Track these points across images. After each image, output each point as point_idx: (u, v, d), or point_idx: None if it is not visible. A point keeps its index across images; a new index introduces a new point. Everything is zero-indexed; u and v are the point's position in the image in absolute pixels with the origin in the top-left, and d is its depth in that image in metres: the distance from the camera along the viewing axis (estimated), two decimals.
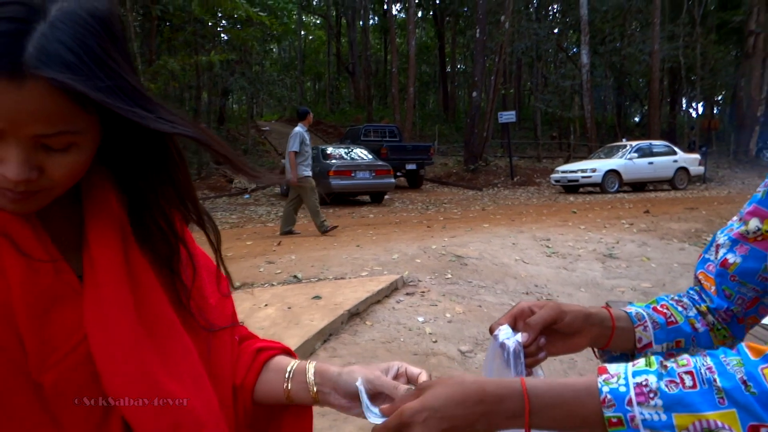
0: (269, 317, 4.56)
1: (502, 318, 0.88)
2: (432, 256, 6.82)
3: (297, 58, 44.49)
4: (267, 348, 0.91)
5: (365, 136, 19.44)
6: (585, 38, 25.53)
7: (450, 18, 36.91)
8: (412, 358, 3.91)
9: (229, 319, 0.89)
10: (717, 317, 0.91)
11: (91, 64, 0.59)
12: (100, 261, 0.70)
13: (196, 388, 0.73)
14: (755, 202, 0.90)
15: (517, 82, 35.57)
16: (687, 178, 18.68)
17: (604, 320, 0.88)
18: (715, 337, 0.91)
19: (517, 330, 0.86)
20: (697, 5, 26.55)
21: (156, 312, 0.73)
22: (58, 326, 0.66)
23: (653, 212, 11.05)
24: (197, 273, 0.83)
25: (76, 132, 0.63)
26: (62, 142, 0.62)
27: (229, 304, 0.92)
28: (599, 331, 0.88)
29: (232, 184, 18.49)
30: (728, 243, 0.91)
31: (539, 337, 0.85)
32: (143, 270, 0.74)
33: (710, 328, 0.91)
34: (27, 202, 0.65)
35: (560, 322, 0.85)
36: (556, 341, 0.87)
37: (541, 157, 26.63)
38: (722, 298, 0.90)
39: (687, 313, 0.91)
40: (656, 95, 25.99)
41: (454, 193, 18.54)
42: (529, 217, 11.21)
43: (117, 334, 0.67)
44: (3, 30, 0.56)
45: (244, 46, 20.87)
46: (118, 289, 0.69)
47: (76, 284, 0.69)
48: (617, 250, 7.48)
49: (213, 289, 0.88)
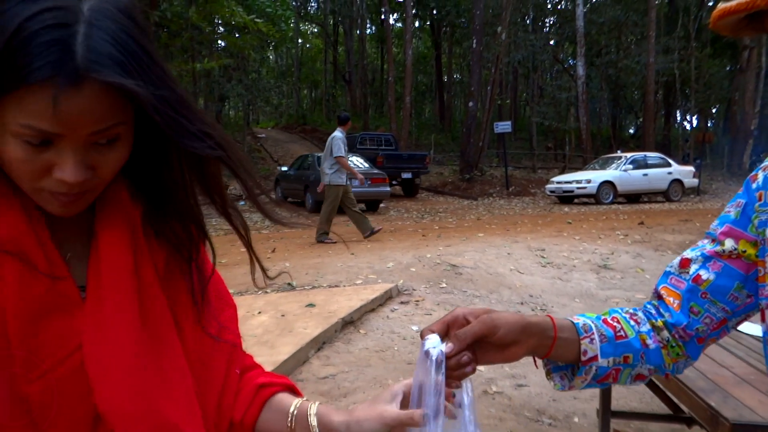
0: (262, 325, 4.53)
1: (435, 324, 0.84)
2: (427, 265, 6.81)
3: (294, 66, 44.52)
4: (269, 384, 0.87)
5: (361, 145, 19.45)
6: (581, 50, 25.69)
7: (447, 28, 37.07)
8: (406, 367, 3.89)
9: (226, 349, 0.85)
10: (674, 333, 0.88)
11: (135, 61, 0.60)
12: (108, 273, 0.69)
13: (189, 414, 0.71)
14: (728, 223, 0.89)
15: (513, 92, 35.73)
16: (681, 190, 18.75)
17: (545, 330, 0.84)
18: (667, 354, 0.88)
19: (447, 339, 0.83)
20: (692, 19, 26.77)
21: (159, 329, 0.72)
22: (49, 337, 0.64)
23: (648, 224, 11.08)
24: (207, 296, 0.83)
25: (123, 123, 0.64)
26: (111, 134, 0.63)
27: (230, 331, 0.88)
28: (538, 342, 0.84)
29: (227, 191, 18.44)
30: (701, 259, 0.90)
31: (463, 353, 0.80)
32: (152, 284, 0.73)
33: (663, 344, 0.88)
34: (77, 204, 0.66)
35: (492, 336, 0.81)
36: (489, 351, 0.83)
37: (537, 168, 26.70)
38: (686, 314, 0.88)
39: (639, 328, 0.89)
40: (651, 107, 26.14)
41: (450, 203, 18.56)
42: (524, 227, 11.22)
43: (117, 349, 0.66)
44: (54, 38, 0.56)
45: (241, 53, 20.89)
46: (123, 302, 0.68)
47: (76, 295, 0.68)
48: (612, 261, 7.49)
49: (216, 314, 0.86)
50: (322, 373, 3.74)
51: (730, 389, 1.91)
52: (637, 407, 3.38)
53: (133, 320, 0.68)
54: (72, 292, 0.67)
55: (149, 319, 0.70)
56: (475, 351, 0.82)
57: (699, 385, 1.92)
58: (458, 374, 0.81)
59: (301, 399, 0.86)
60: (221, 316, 0.86)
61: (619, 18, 27.76)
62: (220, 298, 0.88)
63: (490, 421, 3.15)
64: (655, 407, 3.18)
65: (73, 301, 0.67)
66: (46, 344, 0.64)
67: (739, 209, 0.88)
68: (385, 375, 3.70)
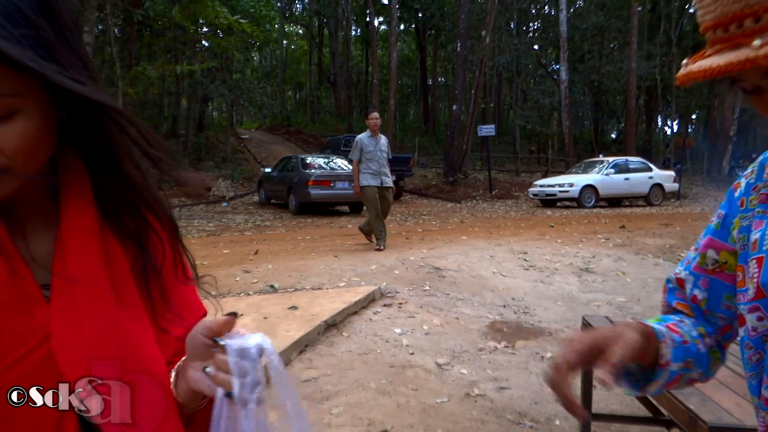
0: (244, 327, 4.48)
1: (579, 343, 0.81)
2: (410, 267, 6.81)
3: (278, 67, 44.36)
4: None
5: (345, 147, 19.38)
6: (564, 55, 25.91)
7: (432, 31, 37.15)
8: (389, 370, 3.88)
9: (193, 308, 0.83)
10: (711, 339, 0.91)
11: (11, 23, 0.57)
12: (75, 264, 0.67)
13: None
14: (709, 234, 0.91)
15: (497, 96, 35.91)
16: (662, 195, 18.97)
17: (645, 335, 0.83)
18: (711, 359, 0.90)
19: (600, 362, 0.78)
20: (673, 26, 27.12)
21: (133, 314, 0.71)
22: (7, 335, 0.63)
23: (629, 227, 11.19)
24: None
25: (13, 95, 0.60)
26: (1, 107, 0.60)
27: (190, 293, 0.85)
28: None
29: (210, 192, 18.33)
30: (691, 278, 0.92)
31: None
32: (125, 270, 0.72)
33: (708, 350, 0.90)
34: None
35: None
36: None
37: (520, 171, 26.87)
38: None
39: (692, 333, 0.90)
40: (633, 113, 26.43)
41: (433, 205, 18.60)
42: (507, 230, 11.28)
43: (90, 335, 0.65)
44: None
45: (225, 53, 20.78)
46: (95, 291, 0.67)
47: (37, 293, 0.66)
48: (593, 264, 7.55)
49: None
50: (305, 375, 3.72)
51: (708, 392, 1.93)
52: (618, 410, 3.41)
53: (107, 307, 0.67)
54: (32, 290, 0.66)
55: (124, 306, 0.70)
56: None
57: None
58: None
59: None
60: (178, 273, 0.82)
61: (601, 24, 28.06)
62: (187, 305, 0.83)
63: (472, 423, 3.15)
64: (635, 410, 3.21)
65: (33, 298, 0.65)
66: (4, 342, 0.63)
67: (719, 220, 0.90)
68: (368, 378, 3.70)
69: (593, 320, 2.85)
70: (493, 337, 4.79)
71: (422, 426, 3.06)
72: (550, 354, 4.36)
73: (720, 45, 0.67)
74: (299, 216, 14.51)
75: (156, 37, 18.50)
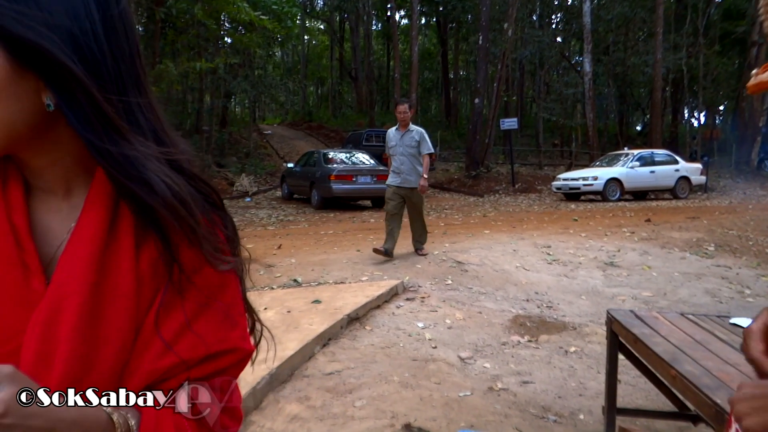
0: (268, 321, 4.54)
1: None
2: (432, 261, 6.81)
3: (300, 63, 44.55)
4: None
5: (367, 141, 19.46)
6: (588, 47, 25.56)
7: (453, 24, 36.97)
8: (412, 363, 3.89)
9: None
10: None
11: None
12: (70, 263, 0.66)
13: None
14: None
15: (519, 89, 35.59)
16: (688, 188, 18.66)
17: None
18: None
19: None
20: (700, 16, 26.58)
21: (111, 322, 0.67)
22: (4, 325, 0.64)
23: (654, 221, 11.03)
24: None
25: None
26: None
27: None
28: None
29: (233, 188, 18.50)
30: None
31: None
32: (120, 276, 0.68)
33: None
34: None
35: None
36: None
37: (543, 165, 26.63)
38: None
39: None
40: (658, 104, 25.99)
41: (456, 199, 18.53)
42: (530, 224, 11.20)
43: (53, 342, 0.63)
44: None
45: (247, 50, 20.90)
46: (70, 293, 0.65)
47: (40, 286, 0.66)
48: (618, 258, 7.47)
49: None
50: (328, 369, 3.75)
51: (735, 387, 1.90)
52: (643, 404, 3.38)
53: (81, 313, 0.65)
54: (38, 286, 0.66)
55: (101, 311, 0.66)
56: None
57: (705, 382, 1.92)
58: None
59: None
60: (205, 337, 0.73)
61: (626, 14, 27.60)
62: (222, 321, 0.74)
63: (496, 417, 3.15)
64: (661, 404, 3.17)
65: (35, 290, 0.65)
66: (3, 332, 0.64)
67: None
68: (391, 371, 3.71)
69: (618, 315, 2.83)
70: (516, 331, 4.77)
71: (445, 419, 3.07)
72: (574, 348, 4.33)
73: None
74: (322, 211, 14.57)
75: (179, 35, 18.67)
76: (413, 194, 7.05)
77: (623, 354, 2.88)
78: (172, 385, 0.71)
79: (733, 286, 6.23)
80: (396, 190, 7.06)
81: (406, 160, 6.97)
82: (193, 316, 0.71)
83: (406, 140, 6.98)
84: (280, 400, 3.28)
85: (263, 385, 3.30)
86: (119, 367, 0.68)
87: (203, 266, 0.72)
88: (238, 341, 0.76)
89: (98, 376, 0.66)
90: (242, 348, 0.76)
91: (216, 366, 0.73)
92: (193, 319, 0.71)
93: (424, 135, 6.99)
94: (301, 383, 3.52)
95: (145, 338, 0.69)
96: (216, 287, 0.74)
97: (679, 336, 2.44)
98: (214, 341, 0.72)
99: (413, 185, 7.00)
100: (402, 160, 6.99)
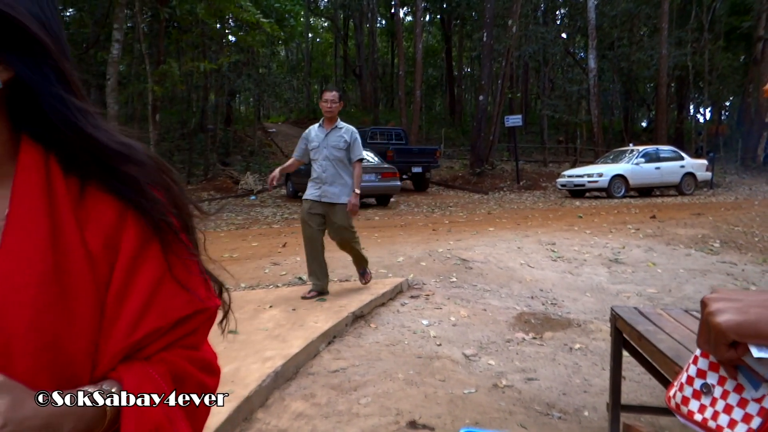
0: (273, 318, 4.57)
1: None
2: (437, 259, 6.82)
3: (304, 61, 44.53)
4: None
5: (371, 139, 19.44)
6: (592, 43, 25.48)
7: (457, 22, 36.89)
8: (416, 360, 3.91)
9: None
10: None
11: None
12: (13, 252, 0.66)
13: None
14: None
15: (524, 86, 35.52)
16: (694, 184, 18.60)
17: None
18: None
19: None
20: (705, 11, 26.45)
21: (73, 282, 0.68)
22: None
23: (660, 217, 11.01)
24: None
25: None
26: None
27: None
28: None
29: (238, 186, 18.54)
30: None
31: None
32: (68, 238, 0.69)
33: None
34: None
35: None
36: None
37: (548, 162, 26.58)
38: None
39: None
40: (664, 100, 25.89)
41: (460, 197, 18.53)
42: (534, 221, 11.19)
43: (13, 338, 0.64)
44: None
45: (251, 48, 20.93)
46: (27, 288, 0.65)
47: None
48: (623, 255, 7.46)
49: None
50: (333, 366, 3.77)
51: None
52: (648, 401, 3.38)
53: (30, 302, 0.65)
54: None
55: (59, 298, 0.66)
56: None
57: None
58: None
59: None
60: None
61: (631, 10, 27.49)
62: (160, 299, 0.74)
63: (500, 414, 3.16)
64: (665, 401, 3.18)
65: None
66: None
67: None
68: (395, 368, 3.72)
69: (622, 312, 2.83)
70: (520, 328, 4.78)
71: (450, 416, 3.08)
72: (579, 345, 4.34)
73: None
74: None
75: (183, 34, 18.72)
76: (336, 213, 5.25)
77: (627, 351, 2.88)
78: (149, 352, 0.73)
79: (739, 283, 6.22)
80: (313, 207, 5.27)
81: (330, 166, 5.23)
82: (156, 283, 0.73)
83: (333, 140, 5.31)
84: (286, 398, 3.30)
85: (269, 382, 3.32)
86: (90, 348, 0.68)
87: (155, 233, 0.74)
88: (205, 301, 0.79)
89: (68, 358, 0.66)
90: (209, 307, 0.79)
91: (187, 328, 0.76)
92: (157, 287, 0.73)
93: (355, 135, 5.39)
94: (307, 381, 3.54)
95: (110, 316, 0.70)
96: (170, 250, 0.76)
97: (683, 333, 2.44)
98: (180, 305, 0.75)
99: (336, 200, 5.24)
100: (324, 166, 5.23)
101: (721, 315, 0.68)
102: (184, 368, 0.76)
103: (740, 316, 0.67)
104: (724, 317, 0.68)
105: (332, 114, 5.29)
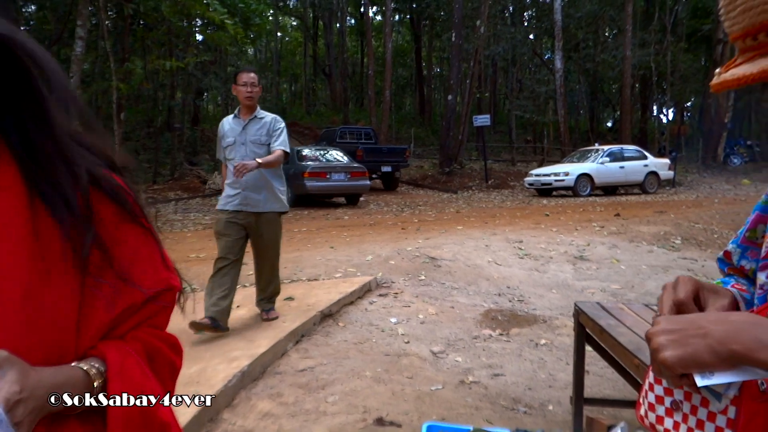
0: (241, 319, 4.53)
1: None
2: (406, 257, 6.84)
3: (273, 59, 44.21)
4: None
5: (341, 138, 19.42)
6: (559, 44, 25.87)
7: (427, 22, 37.06)
8: (384, 358, 3.92)
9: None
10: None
11: None
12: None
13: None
14: (758, 210, 0.94)
15: (492, 86, 35.86)
16: (657, 182, 19.02)
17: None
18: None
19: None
20: (668, 13, 27.07)
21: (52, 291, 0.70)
22: None
23: (624, 215, 11.23)
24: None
25: None
26: None
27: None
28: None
29: (206, 186, 18.31)
30: (739, 250, 0.96)
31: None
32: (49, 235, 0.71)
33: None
34: None
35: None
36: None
37: (516, 161, 26.88)
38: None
39: (751, 289, 0.92)
40: (628, 101, 26.42)
41: (429, 196, 18.61)
42: (502, 219, 11.31)
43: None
44: None
45: (219, 46, 20.68)
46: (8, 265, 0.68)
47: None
48: (588, 252, 7.59)
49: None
50: (301, 365, 3.76)
51: None
52: (610, 394, 3.45)
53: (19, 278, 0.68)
54: None
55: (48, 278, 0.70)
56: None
57: None
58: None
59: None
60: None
61: (596, 12, 27.99)
62: (139, 263, 0.81)
63: (467, 410, 3.19)
64: (627, 394, 3.25)
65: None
66: None
67: (767, 197, 0.93)
68: (363, 366, 3.73)
69: (585, 307, 2.88)
70: (487, 325, 4.82)
71: (417, 413, 3.10)
72: (544, 341, 4.40)
73: (751, 53, 0.69)
74: (295, 208, 14.51)
75: (149, 31, 18.40)
76: (264, 224, 4.27)
77: (590, 345, 2.94)
78: (122, 330, 0.79)
79: (699, 278, 6.38)
80: (232, 218, 4.21)
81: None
82: (128, 264, 0.78)
83: (252, 133, 4.27)
84: (252, 398, 3.27)
85: (235, 382, 3.29)
86: (74, 326, 0.73)
87: (124, 218, 0.80)
88: (172, 280, 0.85)
89: (56, 336, 0.70)
90: (176, 286, 0.86)
91: (155, 307, 0.82)
92: (129, 265, 0.79)
93: (280, 124, 4.35)
94: (274, 380, 3.52)
95: (89, 293, 0.74)
96: (138, 234, 0.82)
97: (644, 326, 2.50)
98: (152, 284, 0.81)
99: (265, 209, 4.25)
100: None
101: (664, 351, 0.71)
102: (155, 346, 0.82)
103: (680, 350, 0.70)
104: (666, 353, 0.71)
105: (252, 101, 4.29)
